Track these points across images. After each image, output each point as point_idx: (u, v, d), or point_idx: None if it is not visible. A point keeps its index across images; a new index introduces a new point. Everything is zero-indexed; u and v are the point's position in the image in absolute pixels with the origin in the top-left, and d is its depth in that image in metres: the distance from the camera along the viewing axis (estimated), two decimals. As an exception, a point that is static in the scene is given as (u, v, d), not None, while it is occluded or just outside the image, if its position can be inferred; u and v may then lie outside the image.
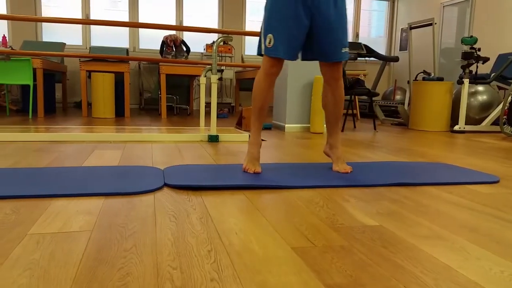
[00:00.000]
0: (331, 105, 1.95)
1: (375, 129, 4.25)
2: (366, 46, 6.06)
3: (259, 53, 1.89)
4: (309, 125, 3.90)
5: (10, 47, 5.85)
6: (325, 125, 2.36)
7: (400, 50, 7.66)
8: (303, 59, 1.96)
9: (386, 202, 1.50)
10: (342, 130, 4.05)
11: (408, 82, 5.00)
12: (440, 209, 1.43)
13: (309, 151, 2.64)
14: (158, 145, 2.72)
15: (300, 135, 3.55)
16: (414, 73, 6.98)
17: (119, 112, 5.20)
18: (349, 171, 1.93)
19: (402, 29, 7.61)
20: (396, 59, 5.99)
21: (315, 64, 3.85)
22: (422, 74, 5.22)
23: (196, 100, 7.01)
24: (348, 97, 4.70)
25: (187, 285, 0.82)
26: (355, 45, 6.00)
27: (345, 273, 0.91)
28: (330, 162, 2.23)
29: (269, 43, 1.81)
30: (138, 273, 0.86)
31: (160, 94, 5.23)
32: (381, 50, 7.88)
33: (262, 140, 3.09)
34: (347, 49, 1.88)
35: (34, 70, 4.56)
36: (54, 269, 0.87)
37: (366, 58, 6.73)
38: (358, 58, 6.04)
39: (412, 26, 5.05)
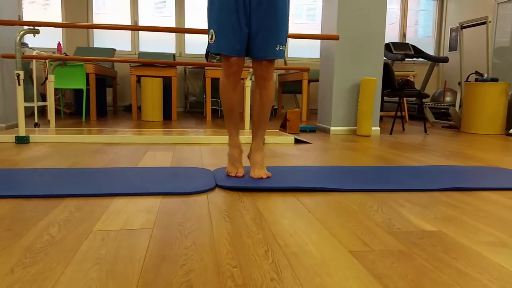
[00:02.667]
0: (256, 106, 1.83)
1: (425, 132, 4.12)
2: (413, 46, 5.89)
3: (206, 51, 1.83)
4: (355, 127, 3.84)
5: (64, 53, 6.18)
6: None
7: (449, 50, 7.38)
8: (247, 56, 1.80)
9: (443, 207, 1.45)
10: (391, 133, 3.95)
11: (459, 83, 4.81)
12: (502, 215, 1.36)
13: (357, 154, 2.60)
14: (206, 147, 2.78)
15: (347, 138, 3.50)
16: (465, 74, 6.70)
17: (167, 115, 5.36)
18: (264, 177, 1.76)
19: (451, 28, 7.32)
20: (445, 59, 5.78)
21: (363, 64, 3.79)
22: (474, 75, 5.00)
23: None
24: (396, 99, 4.59)
25: (248, 284, 0.83)
26: (402, 46, 5.84)
27: (406, 278, 0.88)
28: (381, 165, 2.18)
29: (211, 39, 1.72)
30: (200, 270, 0.88)
31: (205, 97, 5.33)
32: (429, 50, 7.63)
33: (307, 142, 3.08)
34: (283, 47, 1.74)
35: (87, 75, 4.79)
36: (121, 264, 0.90)
37: (414, 59, 6.54)
38: (406, 59, 5.88)
39: (464, 25, 4.85)
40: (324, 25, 3.99)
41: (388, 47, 5.73)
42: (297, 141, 3.11)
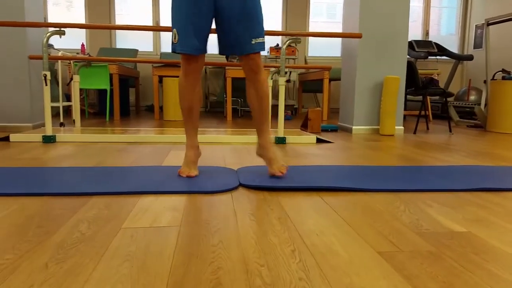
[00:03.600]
0: (254, 101, 1.78)
1: (450, 131, 4.03)
2: (437, 44, 5.78)
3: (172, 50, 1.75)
4: (378, 126, 3.79)
5: (88, 54, 6.31)
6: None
7: (474, 48, 7.21)
8: (220, 54, 1.80)
9: (471, 207, 1.42)
10: (415, 132, 3.89)
11: (485, 81, 4.69)
12: (535, 217, 1.32)
13: (380, 154, 2.57)
14: (227, 146, 2.79)
15: (369, 137, 3.46)
16: (491, 72, 6.53)
17: (187, 114, 5.40)
18: (285, 172, 1.75)
19: (476, 25, 7.15)
20: (470, 57, 5.65)
21: (386, 63, 3.74)
22: (500, 73, 4.87)
23: (259, 103, 7.08)
24: (420, 97, 4.52)
25: (276, 282, 0.83)
26: (425, 44, 5.74)
27: (437, 279, 0.87)
28: (406, 165, 2.15)
29: (174, 38, 1.69)
30: (228, 268, 0.89)
31: (226, 97, 5.35)
32: (453, 48, 7.47)
33: (329, 142, 3.05)
34: (260, 39, 1.70)
35: (111, 75, 4.88)
36: (150, 261, 0.92)
37: (437, 57, 6.42)
38: (429, 57, 5.78)
39: (490, 22, 4.73)
40: (345, 23, 3.95)
41: (410, 45, 5.64)
42: (319, 141, 3.09)
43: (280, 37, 7.09)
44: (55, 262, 0.90)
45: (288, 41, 2.82)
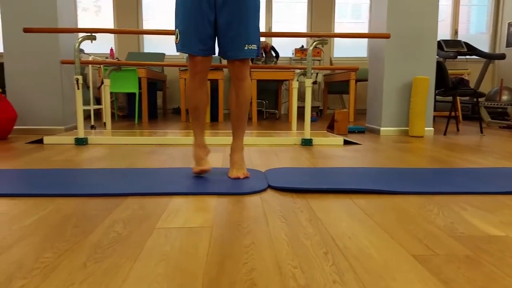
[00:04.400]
0: (233, 106, 1.80)
1: (481, 132, 3.92)
2: (466, 43, 5.63)
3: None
4: (407, 128, 3.72)
5: (116, 58, 6.45)
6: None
7: (506, 46, 6.99)
8: (219, 55, 1.78)
9: (509, 210, 1.37)
10: (445, 134, 3.80)
11: (519, 81, 4.53)
12: None
13: (410, 156, 2.52)
14: (254, 148, 2.80)
15: (398, 139, 3.40)
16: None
17: (213, 117, 5.45)
18: (241, 177, 1.76)
19: (509, 23, 6.93)
20: (502, 56, 5.48)
21: (414, 63, 3.67)
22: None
23: (284, 104, 7.08)
24: (449, 98, 4.41)
25: (311, 285, 0.83)
26: (454, 43, 5.60)
27: (475, 284, 0.85)
28: (437, 167, 2.11)
29: (177, 38, 1.72)
30: (262, 269, 0.89)
31: (251, 99, 5.37)
32: (483, 47, 7.26)
33: (356, 143, 3.02)
34: (253, 46, 1.70)
35: (139, 79, 4.97)
36: (185, 261, 0.93)
37: (467, 57, 6.26)
38: (458, 57, 5.64)
39: (523, 19, 4.57)
40: (373, 23, 3.90)
41: (439, 45, 5.52)
42: (346, 142, 3.06)
43: (304, 38, 7.07)
44: (93, 261, 0.93)
45: (315, 43, 2.81)
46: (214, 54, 1.76)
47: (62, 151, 2.58)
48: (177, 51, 1.72)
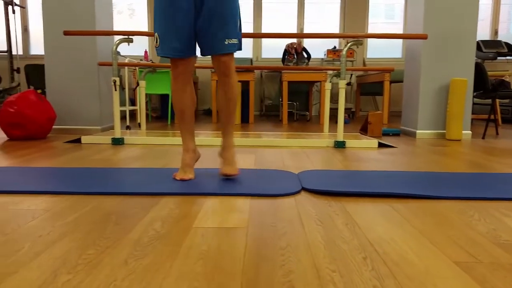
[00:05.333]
0: (221, 103, 1.78)
1: (522, 136, 3.76)
2: (507, 43, 5.42)
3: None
4: (444, 131, 3.62)
5: (150, 60, 6.59)
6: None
7: (550, 46, 6.66)
8: (202, 55, 1.75)
9: (557, 219, 1.31)
10: (483, 137, 3.66)
11: None
12: None
13: (448, 160, 2.44)
14: (285, 149, 2.79)
15: (435, 142, 3.31)
16: None
17: (244, 118, 5.48)
18: (234, 174, 1.74)
19: (553, 22, 6.61)
20: (546, 56, 5.23)
21: (452, 64, 3.57)
22: None
23: (314, 106, 7.03)
24: (488, 100, 4.25)
25: (350, 289, 0.82)
26: (494, 43, 5.40)
27: (524, 295, 0.81)
28: (476, 172, 2.03)
29: (156, 42, 1.71)
30: (299, 272, 0.89)
31: (282, 100, 5.36)
32: (525, 47, 6.95)
33: (392, 146, 2.96)
34: (233, 40, 1.68)
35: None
36: (223, 261, 0.94)
37: (508, 57, 6.01)
38: (498, 58, 5.43)
39: None
40: (409, 23, 3.82)
41: (477, 46, 5.33)
42: (381, 145, 3.01)
43: (337, 39, 7.00)
44: (134, 258, 0.95)
45: (349, 44, 2.77)
46: (195, 55, 1.77)
47: (99, 151, 2.66)
48: (157, 55, 1.71)
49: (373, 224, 1.24)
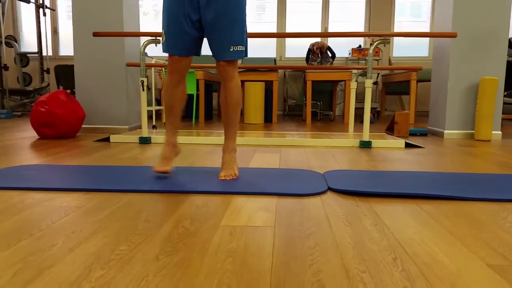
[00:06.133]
0: (223, 108, 1.83)
1: (557, 137, 3.62)
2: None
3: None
4: (473, 131, 3.53)
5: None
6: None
7: None
8: (213, 56, 1.80)
9: None
10: (513, 138, 3.55)
11: None
12: None
13: (478, 160, 2.38)
14: (310, 149, 2.78)
15: (463, 143, 3.23)
16: None
17: (267, 118, 5.48)
18: (230, 178, 1.75)
19: None
20: None
21: (482, 63, 3.47)
22: None
23: (338, 106, 6.97)
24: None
25: (381, 290, 0.81)
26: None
27: (563, 300, 0.79)
28: (507, 173, 1.98)
29: (162, 39, 1.77)
30: (328, 271, 0.89)
31: (305, 100, 5.34)
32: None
33: (419, 147, 2.90)
34: (239, 47, 1.71)
35: (197, 81, 5.11)
36: (251, 259, 0.95)
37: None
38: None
39: None
40: (437, 21, 3.74)
41: (509, 43, 5.17)
42: (408, 145, 2.96)
43: (361, 38, 6.91)
44: (165, 254, 0.97)
45: (376, 42, 2.74)
46: (197, 55, 1.81)
47: (127, 149, 2.72)
48: (163, 52, 1.79)
49: (402, 225, 1.22)
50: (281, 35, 3.12)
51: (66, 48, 7.57)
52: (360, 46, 6.48)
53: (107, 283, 0.82)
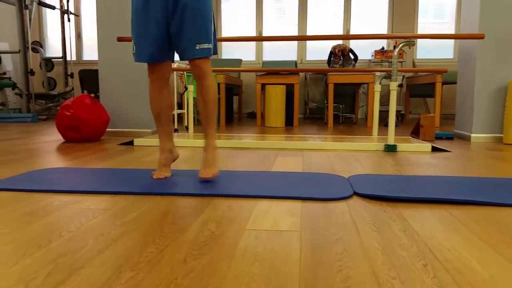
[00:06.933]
0: (200, 106, 1.83)
1: None
2: None
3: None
4: (501, 135, 3.43)
5: (197, 65, 6.73)
6: None
7: None
8: (180, 59, 1.81)
9: None
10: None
11: None
12: None
13: (506, 165, 2.31)
14: (333, 153, 2.75)
15: (492, 146, 3.14)
16: None
17: (288, 121, 5.47)
18: (209, 177, 1.75)
19: None
20: None
21: (509, 65, 3.38)
22: None
23: (361, 109, 6.89)
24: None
25: (413, 297, 0.79)
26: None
27: None
28: (541, 178, 1.91)
29: (133, 49, 1.80)
30: (357, 278, 0.87)
31: (327, 103, 5.30)
32: None
33: (446, 151, 2.84)
34: (205, 45, 1.72)
35: (218, 84, 5.15)
36: (279, 263, 0.94)
37: None
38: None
39: None
40: (463, 23, 3.66)
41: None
42: (434, 149, 2.90)
43: (385, 40, 6.83)
44: (192, 257, 0.97)
45: (401, 44, 2.70)
46: (171, 59, 1.83)
47: (150, 153, 2.75)
48: (135, 62, 1.80)
49: (431, 230, 1.19)
50: (302, 38, 3.11)
51: (90, 53, 7.74)
52: (383, 48, 6.40)
53: (137, 285, 0.83)
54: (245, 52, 7.27)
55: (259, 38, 6.04)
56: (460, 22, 5.65)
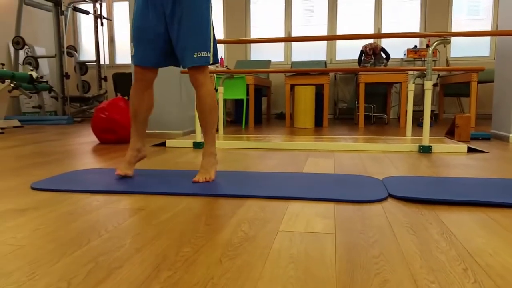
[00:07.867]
0: (198, 112, 1.87)
1: None
2: None
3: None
4: (543, 135, 3.28)
5: (226, 67, 6.79)
6: None
7: None
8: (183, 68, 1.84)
9: None
10: None
11: None
12: None
13: (550, 166, 2.21)
14: (365, 154, 2.71)
15: (532, 147, 3.01)
16: None
17: (317, 122, 5.43)
18: (201, 181, 1.78)
19: None
20: None
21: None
22: None
23: (393, 108, 6.76)
24: None
25: (454, 303, 0.77)
26: None
27: None
28: None
29: (131, 51, 1.84)
30: (395, 281, 0.86)
31: (357, 103, 5.22)
32: None
33: (482, 152, 2.75)
34: (203, 53, 1.74)
35: (247, 86, 5.17)
36: (314, 266, 0.93)
37: None
38: None
39: None
40: (502, 20, 3.52)
41: None
42: (470, 150, 2.80)
43: (417, 38, 6.67)
44: (227, 258, 0.98)
45: (435, 43, 2.63)
46: (163, 66, 1.86)
47: (182, 154, 2.79)
48: (132, 64, 1.86)
49: (471, 234, 1.15)
50: (331, 38, 3.08)
51: (122, 57, 7.94)
52: (415, 46, 6.25)
53: (175, 284, 0.84)
54: (274, 53, 7.27)
55: (288, 39, 6.03)
56: (497, 19, 5.45)
